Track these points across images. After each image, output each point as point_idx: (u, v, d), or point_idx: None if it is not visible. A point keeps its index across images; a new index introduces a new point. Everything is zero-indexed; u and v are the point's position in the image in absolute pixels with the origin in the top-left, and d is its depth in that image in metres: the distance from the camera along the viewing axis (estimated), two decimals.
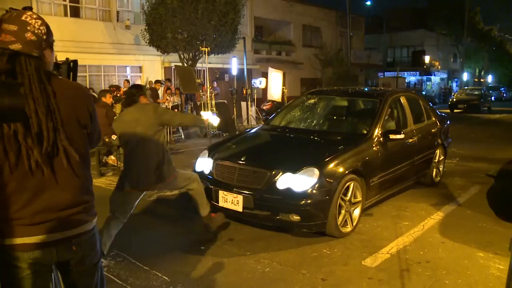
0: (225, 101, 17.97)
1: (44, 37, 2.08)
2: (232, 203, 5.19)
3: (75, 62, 2.38)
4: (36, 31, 2.04)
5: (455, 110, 28.59)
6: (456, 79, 53.00)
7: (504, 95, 48.82)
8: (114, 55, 20.57)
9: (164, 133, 4.64)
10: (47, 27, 2.11)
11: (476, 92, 30.79)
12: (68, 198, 2.08)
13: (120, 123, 4.60)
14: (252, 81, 19.41)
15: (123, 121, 4.57)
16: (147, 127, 4.43)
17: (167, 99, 14.98)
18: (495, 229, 5.63)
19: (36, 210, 2.01)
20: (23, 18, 2.02)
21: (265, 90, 19.52)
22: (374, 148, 5.89)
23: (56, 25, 16.99)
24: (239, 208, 5.13)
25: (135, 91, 4.69)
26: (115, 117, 4.77)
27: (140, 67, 22.32)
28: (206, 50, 15.24)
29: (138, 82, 21.78)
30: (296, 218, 4.88)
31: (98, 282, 2.30)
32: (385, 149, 6.05)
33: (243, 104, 19.11)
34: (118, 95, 11.93)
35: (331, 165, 5.14)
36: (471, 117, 24.76)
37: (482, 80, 55.43)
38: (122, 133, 4.55)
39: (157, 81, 16.70)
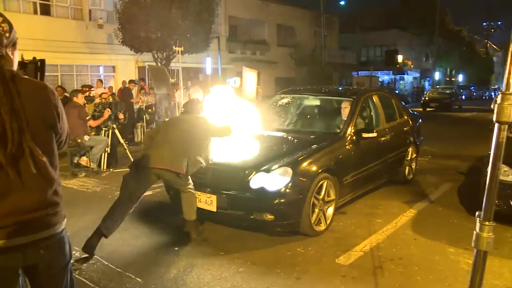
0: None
1: (7, 34, 2.02)
2: (206, 203, 5.16)
3: (42, 61, 2.32)
4: None
5: (428, 109, 29.06)
6: (428, 78, 53.93)
7: (474, 93, 49.95)
8: (86, 55, 20.27)
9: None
10: (10, 24, 2.06)
11: (448, 91, 31.39)
12: (35, 200, 2.03)
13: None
14: (227, 81, 19.37)
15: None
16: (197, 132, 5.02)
17: (141, 99, 14.82)
18: (465, 225, 5.76)
19: (1, 213, 1.94)
20: None
21: (239, 90, 19.49)
22: (347, 147, 5.94)
23: (25, 23, 16.71)
24: (213, 208, 5.10)
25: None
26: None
27: (114, 67, 22.06)
28: (180, 50, 15.14)
29: (111, 82, 21.54)
30: (270, 217, 4.88)
31: (67, 286, 2.25)
32: (358, 147, 6.10)
33: None
34: (91, 95, 11.76)
35: (304, 164, 5.16)
36: (443, 115, 25.23)
37: (453, 79, 56.64)
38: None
39: (131, 81, 16.51)
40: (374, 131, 6.23)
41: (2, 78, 1.94)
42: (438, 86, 38.03)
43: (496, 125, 1.99)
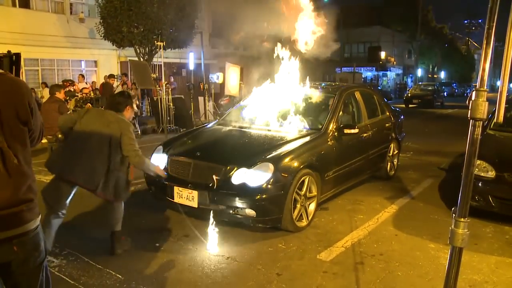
0: (182, 96, 17.82)
1: None
2: (187, 199, 5.14)
3: (17, 55, 2.29)
4: None
5: (410, 105, 29.31)
6: (411, 75, 54.37)
7: (456, 90, 50.49)
8: (68, 49, 20.02)
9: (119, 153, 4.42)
10: None
11: (430, 88, 31.69)
12: (7, 197, 2.01)
13: (89, 117, 4.44)
14: (210, 76, 19.28)
15: (92, 117, 4.46)
16: (109, 135, 4.33)
17: None
18: (446, 220, 5.84)
19: None
20: None
21: (222, 85, 19.43)
22: (329, 143, 5.97)
23: (4, 16, 16.46)
24: (194, 203, 5.09)
25: (123, 99, 4.64)
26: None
27: (95, 62, 21.83)
28: (162, 45, 15.05)
29: (93, 77, 21.31)
30: (251, 213, 4.88)
31: (43, 283, 2.24)
32: (340, 143, 6.14)
33: (201, 99, 18.98)
34: (72, 89, 11.64)
35: (286, 160, 5.17)
36: (425, 112, 25.47)
37: (435, 76, 57.19)
38: (82, 125, 4.39)
39: (111, 76, 16.34)
40: (356, 127, 6.26)
41: None
42: (420, 83, 38.34)
43: (471, 121, 2.01)
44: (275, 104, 6.53)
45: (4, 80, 2.04)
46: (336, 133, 6.12)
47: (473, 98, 1.95)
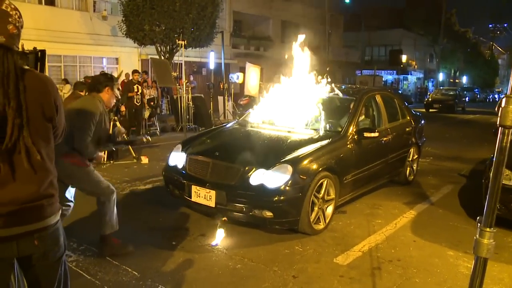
0: (202, 95, 17.87)
1: (21, 29, 2.02)
2: (205, 198, 5.14)
3: (43, 52, 2.31)
4: (17, 24, 1.99)
5: (431, 110, 28.99)
6: (432, 79, 53.77)
7: (478, 96, 49.81)
8: (90, 46, 20.27)
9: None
10: (21, 18, 2.06)
11: (451, 93, 31.31)
12: (29, 192, 2.03)
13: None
14: (230, 76, 19.32)
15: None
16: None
17: (136, 93, 14.63)
18: (466, 228, 5.75)
19: None
20: (3, 7, 1.96)
21: (242, 85, 19.46)
22: (348, 146, 5.93)
23: (30, 13, 16.67)
24: (212, 203, 5.09)
25: (103, 79, 4.49)
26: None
27: (117, 59, 22.04)
28: (183, 43, 15.12)
29: (115, 74, 21.51)
30: (269, 214, 4.86)
31: (62, 277, 2.26)
32: (359, 147, 6.09)
33: (220, 98, 19.03)
34: None
35: (305, 162, 5.14)
36: (445, 117, 25.17)
37: (457, 80, 56.42)
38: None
39: (135, 71, 16.00)
40: (376, 130, 6.22)
41: (14, 74, 1.96)
42: (441, 87, 37.91)
43: (500, 129, 1.95)
44: (295, 106, 6.50)
45: (31, 77, 2.05)
46: (355, 137, 6.07)
47: (503, 104, 1.89)
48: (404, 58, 43.58)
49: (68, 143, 4.10)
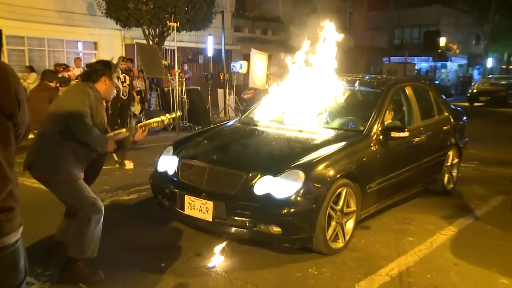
0: (198, 87, 17.96)
1: None
2: (200, 210, 5.18)
3: None
4: None
5: (476, 104, 28.91)
6: (478, 66, 53.37)
7: None
8: (61, 27, 20.04)
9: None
10: None
11: (503, 82, 31.05)
12: None
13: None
14: (231, 65, 19.41)
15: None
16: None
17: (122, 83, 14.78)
18: None
19: None
20: None
21: (246, 76, 19.52)
22: (372, 148, 5.97)
23: None
24: (209, 217, 5.12)
25: (99, 67, 4.56)
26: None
27: (95, 43, 22.04)
28: (176, 26, 15.17)
29: (93, 61, 21.50)
30: (276, 230, 4.89)
31: None
32: (386, 149, 6.13)
33: (220, 91, 19.10)
34: (66, 75, 11.73)
35: (320, 167, 5.18)
36: (495, 112, 25.05)
37: (510, 67, 55.61)
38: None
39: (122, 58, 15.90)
40: (406, 130, 6.23)
41: None
42: (490, 76, 37.56)
43: None
44: (309, 100, 6.54)
45: None
46: (381, 137, 6.11)
47: None
48: (442, 41, 43.30)
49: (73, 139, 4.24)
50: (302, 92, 6.69)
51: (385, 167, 6.11)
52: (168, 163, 5.86)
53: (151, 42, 18.47)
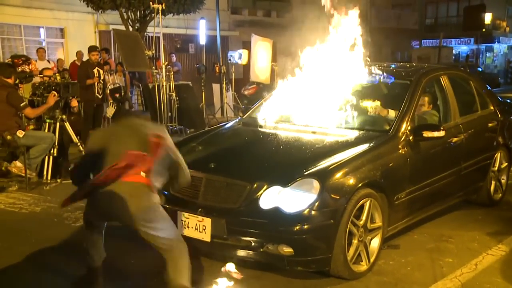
0: (190, 82, 18.01)
1: None
2: (196, 229, 5.26)
3: None
4: None
5: None
6: None
7: None
8: (18, 9, 20.04)
9: None
10: None
11: None
12: None
13: None
14: (229, 54, 19.44)
15: None
16: None
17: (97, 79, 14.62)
18: None
19: None
20: None
21: (247, 68, 19.58)
22: (400, 151, 6.03)
23: None
24: (207, 237, 5.20)
25: None
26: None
27: (62, 30, 21.99)
28: (160, 8, 15.22)
29: (60, 53, 21.49)
30: (287, 251, 4.95)
31: None
32: (417, 152, 6.19)
33: (216, 87, 19.14)
34: (27, 70, 11.73)
35: (338, 175, 5.24)
36: None
37: None
38: None
39: (92, 48, 15.74)
40: (442, 128, 6.26)
41: None
42: None
43: None
44: (322, 96, 6.61)
45: None
46: (411, 137, 6.17)
47: None
48: (488, 17, 43.16)
49: None
50: (314, 86, 6.75)
51: (416, 173, 6.16)
52: None
53: (131, 29, 18.50)
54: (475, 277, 5.53)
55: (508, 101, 9.17)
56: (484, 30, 41.54)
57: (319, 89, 6.66)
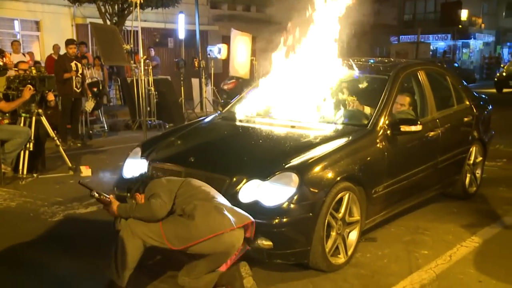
0: (169, 77, 17.96)
1: None
2: None
3: None
4: None
5: (505, 90, 28.96)
6: (508, 43, 53.36)
7: None
8: None
9: None
10: None
11: None
12: None
13: None
14: (208, 49, 19.41)
15: None
16: None
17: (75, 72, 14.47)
18: None
19: None
20: None
21: (226, 62, 19.58)
22: (378, 145, 6.09)
23: None
24: None
25: None
26: None
27: (37, 23, 21.77)
28: (139, 1, 15.16)
29: (35, 46, 21.26)
30: (267, 244, 4.98)
31: None
32: (395, 146, 6.26)
33: (195, 82, 19.12)
34: (1, 63, 11.59)
35: (317, 169, 5.29)
36: None
37: None
38: None
39: (70, 42, 15.60)
40: (419, 122, 6.31)
41: None
42: None
43: None
44: (301, 90, 6.64)
45: None
46: (389, 131, 6.23)
47: None
48: (464, 14, 43.55)
49: None
50: (293, 81, 6.78)
51: (394, 167, 6.23)
52: (135, 168, 5.90)
53: (108, 22, 18.43)
54: (449, 268, 5.61)
55: (483, 96, 9.24)
56: (460, 26, 41.94)
57: (298, 84, 6.71)
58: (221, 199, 4.76)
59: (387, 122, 6.28)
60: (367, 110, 6.66)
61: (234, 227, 4.51)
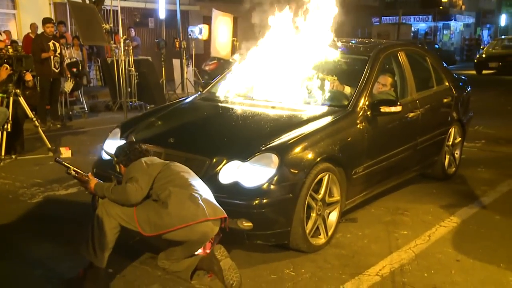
0: (149, 58, 17.90)
1: None
2: None
3: None
4: None
5: (484, 71, 29.09)
6: (488, 25, 53.58)
7: None
8: None
9: None
10: None
11: None
12: None
13: None
14: (189, 29, 19.34)
15: None
16: None
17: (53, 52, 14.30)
18: None
19: None
20: None
21: (208, 43, 19.52)
22: (358, 126, 6.10)
23: None
24: None
25: None
26: None
27: (13, 1, 21.54)
28: None
29: (11, 25, 21.02)
30: (247, 225, 5.00)
31: None
32: (375, 127, 6.28)
33: (176, 62, 19.04)
34: None
35: (297, 150, 5.29)
36: (507, 81, 25.47)
37: None
38: None
39: (47, 21, 15.33)
40: (399, 103, 6.34)
41: None
42: (503, 37, 37.65)
43: None
44: (282, 71, 6.62)
45: None
46: (369, 112, 6.25)
47: None
48: None
49: None
50: (273, 62, 6.75)
51: (374, 148, 6.25)
52: (114, 148, 5.89)
53: (87, 1, 18.24)
54: (428, 248, 5.67)
55: (463, 77, 9.30)
56: (441, 7, 41.98)
57: (278, 65, 6.69)
58: (199, 186, 4.71)
59: (367, 103, 6.30)
60: (347, 90, 6.64)
61: (208, 218, 4.49)
